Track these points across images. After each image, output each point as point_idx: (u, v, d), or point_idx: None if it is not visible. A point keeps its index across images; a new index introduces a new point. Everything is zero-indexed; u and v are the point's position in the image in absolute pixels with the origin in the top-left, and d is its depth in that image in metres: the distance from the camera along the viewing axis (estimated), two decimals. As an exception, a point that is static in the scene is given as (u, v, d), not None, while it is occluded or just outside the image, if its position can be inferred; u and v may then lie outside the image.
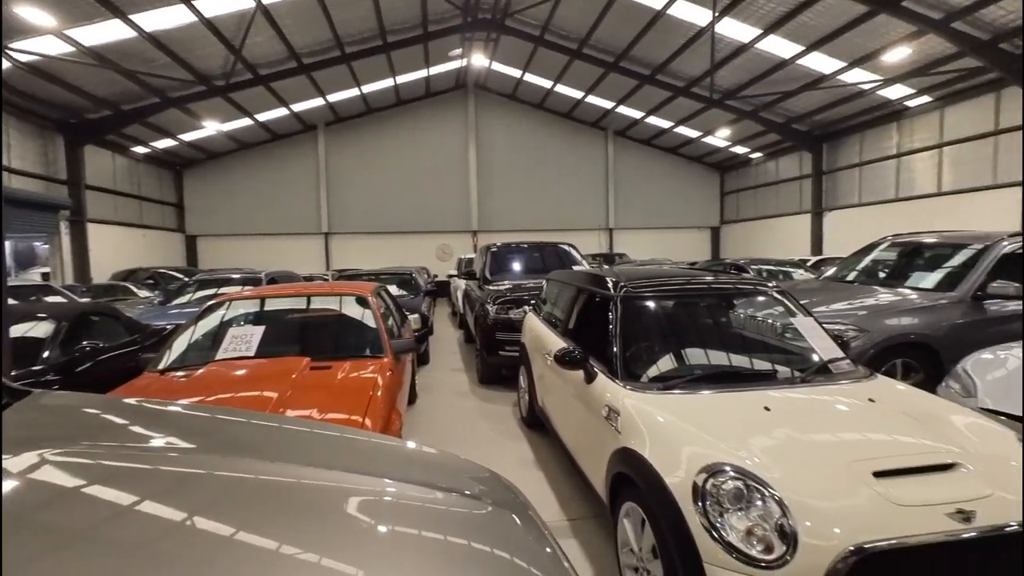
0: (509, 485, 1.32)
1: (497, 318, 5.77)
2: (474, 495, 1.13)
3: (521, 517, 1.15)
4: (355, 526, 0.96)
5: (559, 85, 18.62)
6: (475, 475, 1.32)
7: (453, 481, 1.23)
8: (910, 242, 5.86)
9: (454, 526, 0.97)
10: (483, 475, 1.32)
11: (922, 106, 13.71)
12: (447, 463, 1.43)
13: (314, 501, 1.01)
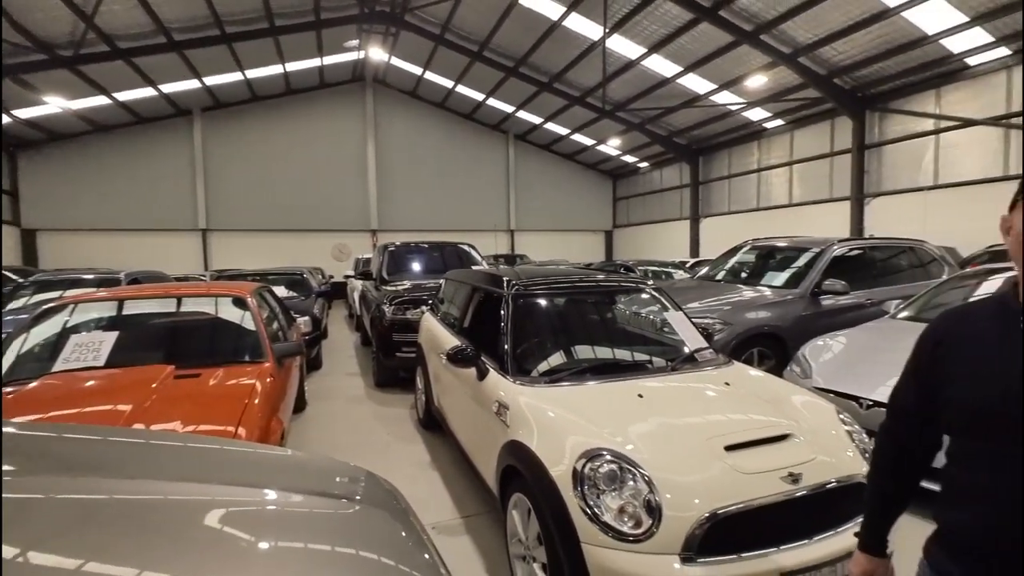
0: (383, 484, 1.30)
1: (394, 319, 5.63)
2: (343, 496, 1.10)
3: (395, 515, 1.14)
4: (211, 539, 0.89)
5: (460, 86, 18.65)
6: (348, 476, 1.27)
7: (322, 484, 1.18)
8: (765, 246, 6.70)
9: (316, 529, 0.94)
10: (357, 475, 1.28)
11: (777, 128, 15.72)
12: (319, 466, 1.38)
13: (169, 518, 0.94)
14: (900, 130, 12.48)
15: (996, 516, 0.91)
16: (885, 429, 1.18)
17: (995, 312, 0.98)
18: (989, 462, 0.93)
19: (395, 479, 3.35)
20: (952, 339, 1.02)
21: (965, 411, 0.96)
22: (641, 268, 11.34)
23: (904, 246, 6.38)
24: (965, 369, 0.98)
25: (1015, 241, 0.91)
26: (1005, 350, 0.92)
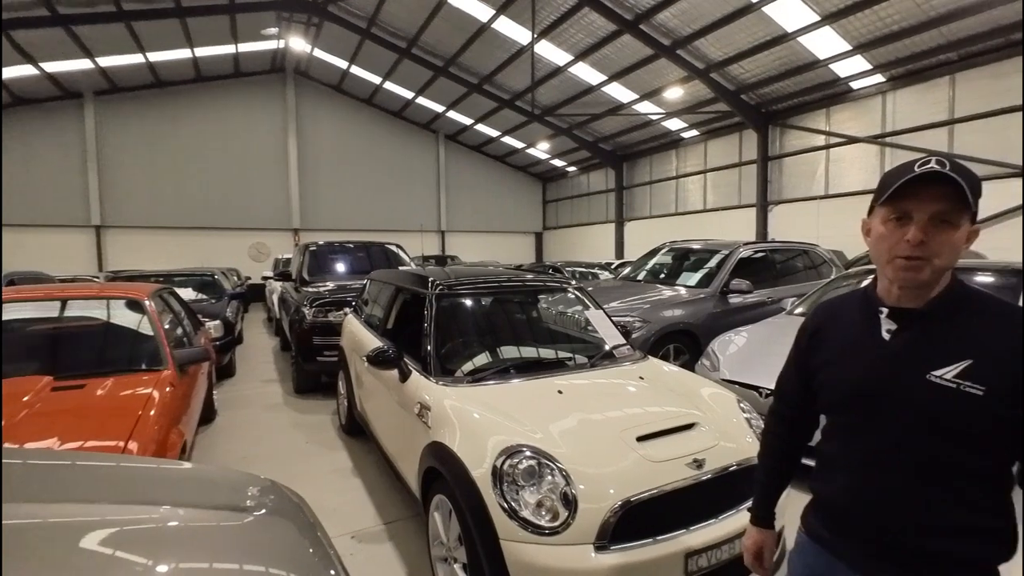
0: (288, 493, 1.23)
1: (315, 321, 5.38)
2: (240, 508, 1.03)
3: (299, 525, 1.09)
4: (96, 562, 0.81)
5: (389, 82, 18.22)
6: (248, 487, 1.20)
7: (219, 497, 1.10)
8: (681, 248, 7.12)
9: (208, 545, 0.88)
10: (258, 486, 1.21)
11: (692, 138, 16.76)
12: (217, 478, 1.28)
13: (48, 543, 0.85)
14: (797, 144, 13.75)
15: (854, 481, 1.03)
16: (772, 412, 1.30)
17: (860, 304, 1.09)
18: (850, 435, 1.05)
19: (314, 488, 3.24)
20: (825, 329, 1.14)
21: (835, 392, 1.08)
22: (569, 269, 11.66)
23: (799, 249, 7.04)
24: (835, 355, 1.09)
25: (873, 242, 1.02)
26: (866, 337, 1.04)
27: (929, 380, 0.93)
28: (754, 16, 10.58)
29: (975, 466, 0.92)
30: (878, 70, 11.39)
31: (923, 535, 0.95)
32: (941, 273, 0.95)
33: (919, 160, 0.93)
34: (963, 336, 0.94)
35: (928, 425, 0.93)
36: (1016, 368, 0.87)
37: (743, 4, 10.38)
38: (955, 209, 0.91)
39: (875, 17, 9.92)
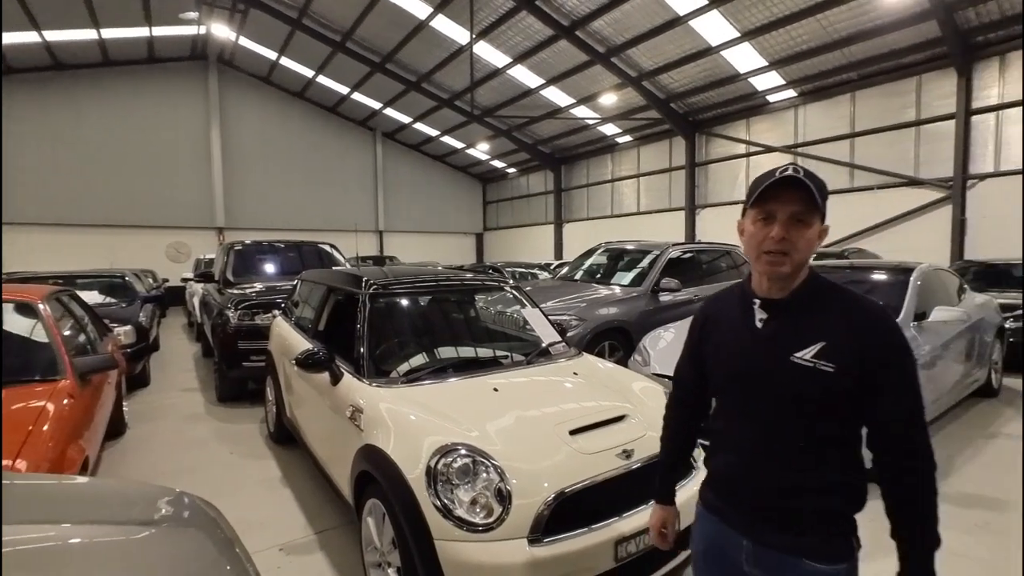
0: (200, 505, 1.15)
1: (240, 325, 5.08)
2: (144, 522, 0.95)
3: (212, 537, 1.02)
4: None
5: (322, 76, 17.55)
6: (156, 499, 1.11)
7: (121, 511, 1.01)
8: (616, 249, 7.36)
9: (102, 561, 0.80)
10: (167, 497, 1.12)
11: (627, 143, 17.40)
12: (123, 492, 1.18)
13: None
14: (721, 152, 14.63)
15: (737, 455, 1.17)
16: (671, 398, 1.43)
17: (738, 297, 1.22)
18: (733, 414, 1.20)
19: (238, 501, 3.07)
20: (712, 320, 1.27)
21: (720, 375, 1.22)
22: (509, 270, 11.73)
23: (723, 250, 7.48)
24: (719, 343, 1.23)
25: (746, 240, 1.14)
26: (743, 326, 1.17)
27: (792, 361, 1.07)
28: (681, 29, 11.15)
29: (832, 433, 1.07)
30: (790, 85, 12.35)
31: (793, 496, 1.09)
32: (800, 266, 1.09)
33: (780, 168, 1.07)
34: (818, 322, 1.08)
35: (793, 400, 1.07)
36: (856, 348, 1.03)
37: (671, 17, 10.91)
38: (808, 210, 1.05)
39: (787, 36, 10.75)
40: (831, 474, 1.07)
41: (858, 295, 1.11)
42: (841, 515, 1.09)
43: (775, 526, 1.10)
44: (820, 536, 1.07)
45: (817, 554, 1.07)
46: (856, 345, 1.03)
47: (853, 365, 1.02)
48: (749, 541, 1.13)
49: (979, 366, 4.77)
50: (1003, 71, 9.79)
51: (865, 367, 1.02)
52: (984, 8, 9.12)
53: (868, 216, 11.61)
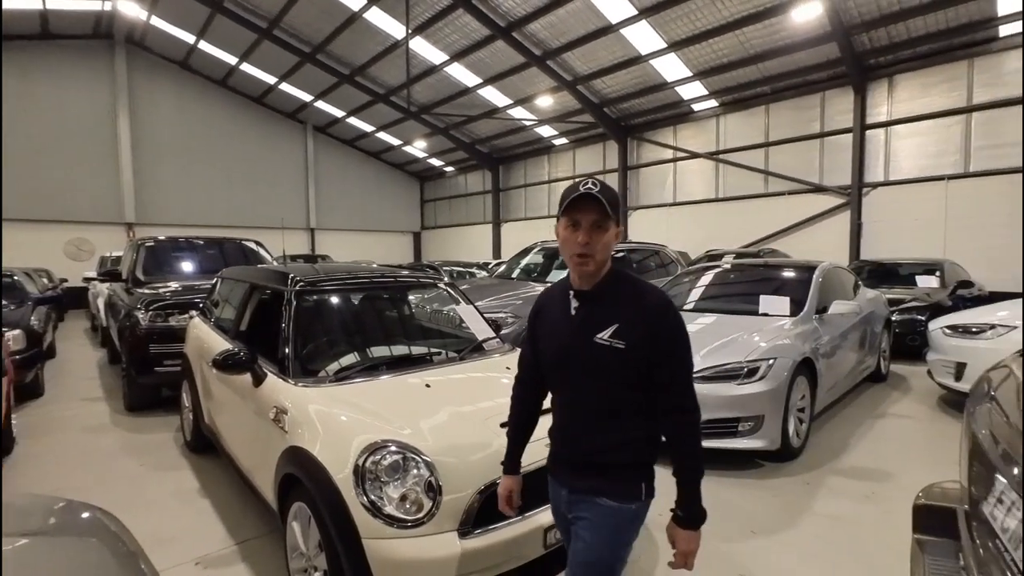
0: (98, 515, 1.07)
1: (152, 327, 4.71)
2: (21, 532, 0.86)
3: (109, 545, 0.94)
4: None
5: (247, 64, 16.56)
6: (43, 509, 1.01)
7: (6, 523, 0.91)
8: (551, 248, 7.51)
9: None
10: (57, 505, 1.03)
11: (563, 145, 17.78)
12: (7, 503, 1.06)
13: None
14: (651, 156, 15.31)
15: (561, 424, 1.43)
16: (517, 380, 1.59)
17: (562, 290, 1.42)
18: (558, 390, 1.44)
19: (148, 515, 2.86)
20: (543, 311, 1.47)
21: (547, 357, 1.42)
22: (447, 268, 11.66)
23: (652, 250, 7.85)
24: (547, 330, 1.43)
25: (561, 243, 1.34)
26: (563, 315, 1.38)
27: (595, 341, 1.29)
28: (613, 37, 11.56)
29: (626, 398, 1.32)
30: (712, 96, 13.15)
31: (597, 451, 1.34)
32: (601, 264, 1.32)
33: (582, 183, 1.29)
34: (614, 307, 1.31)
35: (596, 372, 1.31)
36: (642, 328, 1.27)
37: (603, 25, 11.28)
38: (604, 218, 1.27)
39: (710, 49, 11.44)
40: (625, 432, 1.33)
41: (646, 284, 1.38)
42: (633, 465, 1.34)
43: (583, 475, 1.36)
44: (617, 481, 1.33)
45: (613, 494, 1.32)
46: (643, 325, 1.27)
47: (640, 342, 1.26)
48: (567, 491, 1.40)
49: (870, 354, 5.32)
50: (891, 91, 10.96)
51: (650, 343, 1.27)
52: (875, 34, 10.16)
53: (780, 219, 12.59)
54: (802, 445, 3.77)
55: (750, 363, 3.54)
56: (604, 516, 1.33)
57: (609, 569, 1.34)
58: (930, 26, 9.67)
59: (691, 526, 1.32)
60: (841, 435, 4.12)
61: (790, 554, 2.51)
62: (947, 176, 10.32)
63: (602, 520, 1.33)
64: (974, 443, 1.18)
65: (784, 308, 4.38)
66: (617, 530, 1.34)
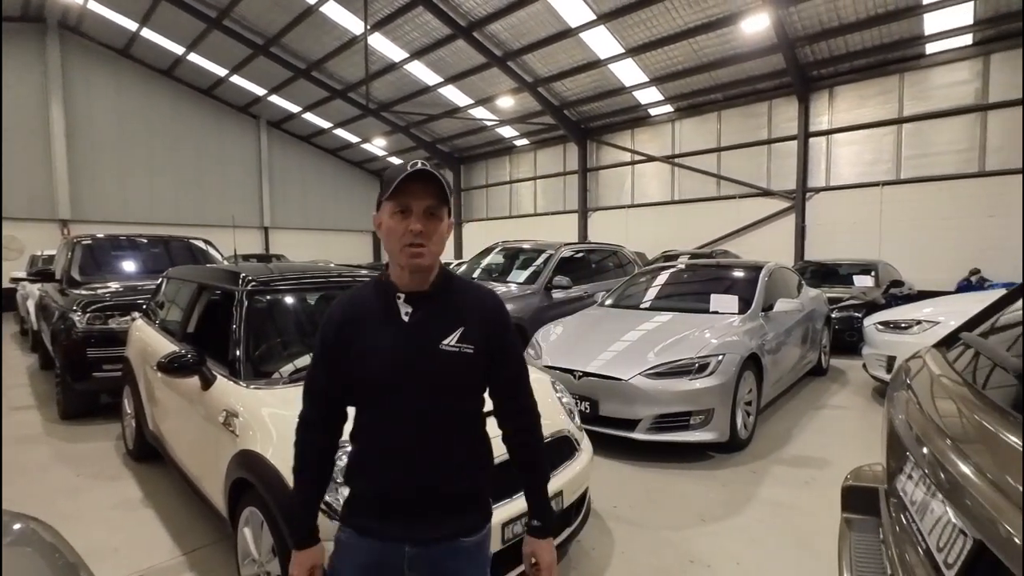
0: (30, 524, 1.02)
1: (89, 329, 4.45)
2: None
3: (46, 557, 0.91)
4: None
5: (195, 54, 15.85)
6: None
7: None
8: (512, 248, 7.57)
9: None
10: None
11: (524, 146, 17.91)
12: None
13: None
14: (610, 159, 15.64)
15: (397, 458, 1.12)
16: (303, 422, 1.22)
17: (377, 295, 1.18)
18: (387, 420, 1.13)
19: (87, 528, 2.73)
20: (353, 322, 1.16)
21: (374, 379, 1.13)
22: (407, 268, 11.52)
23: (610, 250, 8.03)
24: (368, 345, 1.13)
25: (385, 235, 1.12)
26: (390, 322, 1.14)
27: (441, 348, 1.12)
28: (573, 40, 11.74)
29: (472, 409, 1.19)
30: (668, 101, 13.57)
31: (450, 481, 1.14)
32: (436, 257, 1.14)
33: (411, 163, 1.09)
34: (456, 310, 1.16)
35: (446, 384, 1.13)
36: (485, 330, 1.15)
37: (563, 28, 11.45)
38: (439, 205, 1.11)
39: (665, 56, 11.80)
40: (473, 450, 1.18)
41: (478, 285, 1.26)
42: (481, 488, 1.20)
43: (435, 519, 1.13)
44: (470, 512, 1.17)
45: (468, 530, 1.15)
46: (485, 327, 1.15)
47: (486, 344, 1.14)
48: (410, 546, 1.11)
49: (812, 349, 5.64)
50: (832, 101, 11.63)
51: (491, 344, 1.16)
52: (817, 47, 10.75)
53: (732, 221, 13.13)
54: (750, 436, 3.96)
55: (701, 359, 3.69)
56: (474, 558, 1.16)
57: None
58: (866, 41, 10.32)
59: (550, 534, 1.23)
60: (785, 426, 4.35)
61: (736, 539, 2.64)
62: (881, 182, 11.04)
63: (476, 563, 1.17)
64: (891, 427, 1.28)
65: (733, 306, 4.59)
66: (487, 562, 1.21)
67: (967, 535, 0.77)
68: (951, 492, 0.83)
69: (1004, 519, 0.69)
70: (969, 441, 0.90)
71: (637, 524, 2.79)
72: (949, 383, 1.15)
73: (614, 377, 3.68)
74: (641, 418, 3.60)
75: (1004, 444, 0.82)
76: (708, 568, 2.41)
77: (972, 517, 0.76)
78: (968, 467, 0.83)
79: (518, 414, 1.25)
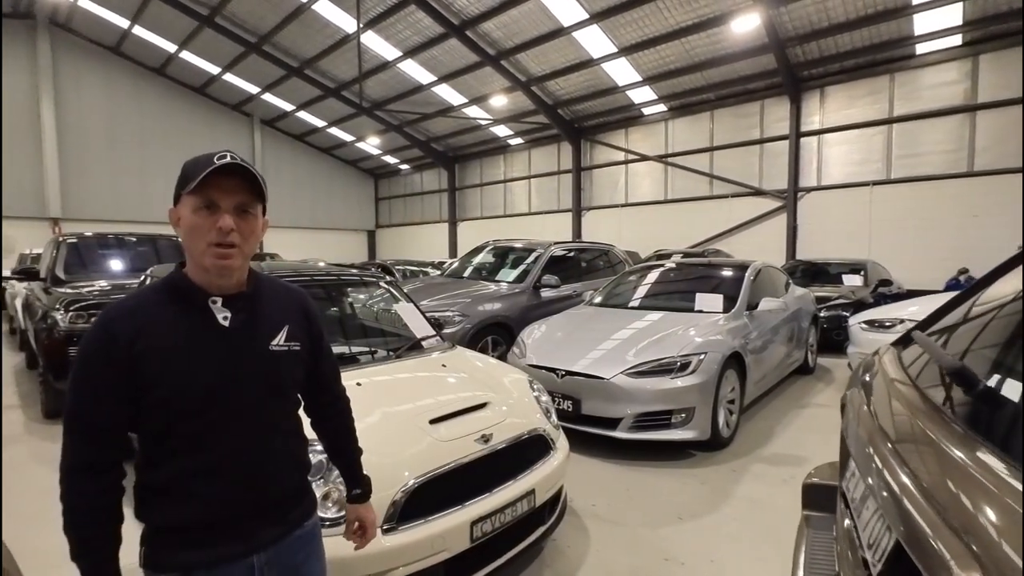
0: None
1: (72, 328, 4.42)
2: None
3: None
4: None
5: (187, 52, 15.78)
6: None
7: None
8: (502, 247, 7.56)
9: None
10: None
11: (518, 145, 17.90)
12: None
13: None
14: (604, 158, 15.65)
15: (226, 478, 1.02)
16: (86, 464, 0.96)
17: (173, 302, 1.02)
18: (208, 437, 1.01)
19: (56, 528, 2.65)
20: (144, 337, 0.98)
21: (187, 395, 0.99)
22: (399, 268, 11.53)
23: (601, 249, 8.04)
24: (173, 359, 0.98)
25: (186, 232, 1.00)
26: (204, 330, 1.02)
27: (271, 349, 1.09)
28: (565, 39, 11.74)
29: (294, 405, 1.20)
30: (662, 100, 13.59)
31: (282, 481, 1.12)
32: (247, 258, 1.04)
33: (218, 154, 0.99)
34: (277, 309, 1.14)
35: (279, 385, 1.11)
36: (306, 326, 1.19)
37: (556, 27, 11.44)
38: (253, 201, 1.02)
39: (657, 56, 11.81)
40: (300, 443, 1.19)
41: (286, 283, 1.24)
42: (305, 476, 1.22)
43: (274, 521, 1.10)
44: (304, 500, 1.19)
45: (306, 516, 1.19)
46: (306, 324, 1.19)
47: (307, 340, 1.18)
48: (259, 554, 1.07)
49: (798, 348, 5.66)
50: (823, 101, 11.67)
51: (315, 339, 1.21)
52: (808, 47, 10.79)
53: (724, 221, 13.17)
54: (731, 435, 3.97)
55: (683, 357, 3.70)
56: (314, 540, 1.21)
57: None
58: (856, 42, 10.36)
59: (368, 498, 1.40)
60: (768, 425, 4.37)
61: (712, 537, 2.66)
62: (871, 182, 11.09)
63: (316, 544, 1.22)
64: (842, 424, 1.29)
65: (718, 305, 4.60)
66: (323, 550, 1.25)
67: (891, 533, 0.78)
68: (878, 489, 0.84)
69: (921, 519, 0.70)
70: (903, 440, 0.91)
71: (614, 522, 2.79)
72: (896, 381, 1.16)
73: (596, 376, 3.68)
74: (623, 417, 3.60)
75: (933, 444, 0.83)
76: (682, 566, 2.42)
77: (891, 515, 0.76)
78: (896, 464, 0.83)
79: (336, 401, 1.35)
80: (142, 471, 1.02)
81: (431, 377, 2.62)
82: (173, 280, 1.04)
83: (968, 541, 0.59)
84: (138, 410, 0.98)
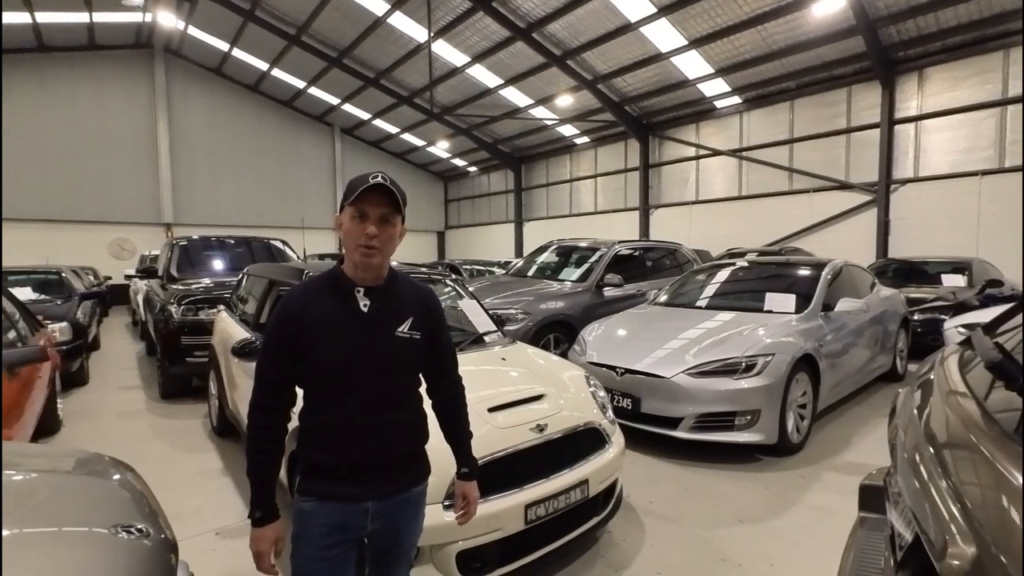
0: (114, 460, 1.28)
1: (183, 320, 5.04)
2: (64, 471, 1.07)
3: (123, 483, 1.14)
4: None
5: (277, 69, 17.16)
6: (75, 456, 1.22)
7: (44, 463, 1.12)
8: (566, 246, 7.62)
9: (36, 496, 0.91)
10: (84, 456, 1.24)
11: (584, 144, 17.79)
12: (47, 452, 1.28)
13: None
14: (673, 154, 15.19)
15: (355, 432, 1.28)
16: (258, 408, 1.31)
17: (331, 288, 1.33)
18: (344, 397, 1.28)
19: (174, 491, 3.13)
20: (307, 313, 1.28)
21: (330, 362, 1.27)
22: (466, 267, 11.91)
23: (667, 248, 7.86)
24: (324, 333, 1.27)
25: (344, 235, 1.30)
26: (349, 313, 1.30)
27: (396, 335, 1.34)
28: (632, 35, 11.55)
29: (414, 385, 1.42)
30: (735, 92, 12.98)
31: (399, 443, 1.36)
32: (386, 258, 1.33)
33: (372, 175, 1.28)
34: (405, 302, 1.38)
35: (398, 367, 1.35)
36: (427, 318, 1.40)
37: (622, 23, 11.29)
38: (393, 213, 1.30)
39: (731, 46, 11.31)
40: (417, 418, 1.40)
41: (419, 283, 1.48)
42: (421, 447, 1.43)
43: (391, 476, 1.34)
44: (414, 467, 1.42)
45: (415, 482, 1.41)
46: (427, 316, 1.40)
47: (427, 330, 1.39)
48: (372, 501, 1.30)
49: (884, 353, 5.25)
50: (921, 84, 10.63)
51: (433, 332, 1.41)
52: (904, 26, 9.88)
53: (804, 217, 12.35)
54: (802, 441, 3.80)
55: (748, 358, 3.60)
56: (418, 505, 1.42)
57: None
58: (961, 17, 9.36)
59: (475, 478, 1.55)
60: (845, 432, 4.13)
61: (772, 541, 2.59)
62: (980, 172, 9.97)
63: (418, 509, 1.43)
64: (891, 423, 1.27)
65: (789, 305, 4.40)
66: (423, 513, 1.47)
67: (913, 525, 0.80)
68: (906, 484, 0.86)
69: (933, 514, 0.73)
70: (939, 438, 0.91)
71: (670, 520, 2.80)
72: (950, 383, 1.14)
73: (656, 375, 3.67)
74: (683, 416, 3.57)
75: (971, 445, 0.84)
76: (739, 567, 2.40)
77: (912, 509, 0.79)
78: (928, 458, 0.85)
79: (452, 386, 1.54)
80: (301, 419, 1.34)
81: (491, 369, 2.76)
82: (332, 273, 1.36)
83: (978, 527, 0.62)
84: (301, 370, 1.29)
